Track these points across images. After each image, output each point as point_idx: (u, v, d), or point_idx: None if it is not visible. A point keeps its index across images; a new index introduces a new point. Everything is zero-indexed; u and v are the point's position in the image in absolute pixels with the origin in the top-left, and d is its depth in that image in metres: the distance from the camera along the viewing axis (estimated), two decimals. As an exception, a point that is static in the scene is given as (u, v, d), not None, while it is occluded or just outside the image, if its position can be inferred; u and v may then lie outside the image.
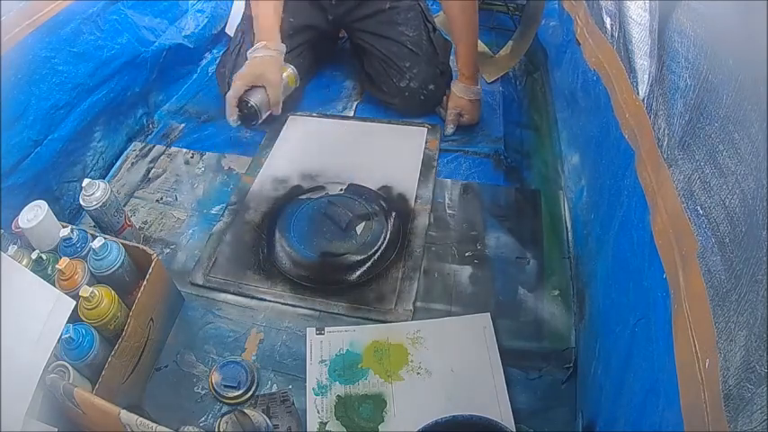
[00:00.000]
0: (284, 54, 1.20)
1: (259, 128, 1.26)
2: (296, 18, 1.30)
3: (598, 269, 0.82)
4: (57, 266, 0.76)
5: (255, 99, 1.16)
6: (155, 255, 0.83)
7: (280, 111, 1.23)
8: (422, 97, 1.28)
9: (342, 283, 0.97)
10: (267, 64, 1.16)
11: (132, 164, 1.24)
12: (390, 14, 1.27)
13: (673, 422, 0.47)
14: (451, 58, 1.33)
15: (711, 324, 0.44)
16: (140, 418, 0.63)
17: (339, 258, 0.99)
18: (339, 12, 1.32)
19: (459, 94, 1.25)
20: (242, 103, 1.17)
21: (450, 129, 1.27)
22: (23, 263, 0.78)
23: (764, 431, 0.35)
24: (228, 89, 1.25)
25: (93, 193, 0.92)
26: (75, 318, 0.73)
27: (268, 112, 1.21)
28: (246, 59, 1.20)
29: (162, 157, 1.26)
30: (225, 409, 0.82)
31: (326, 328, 0.90)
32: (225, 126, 1.33)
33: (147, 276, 0.81)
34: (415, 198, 1.12)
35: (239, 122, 1.21)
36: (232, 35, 1.43)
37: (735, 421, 0.39)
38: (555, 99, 1.29)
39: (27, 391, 0.63)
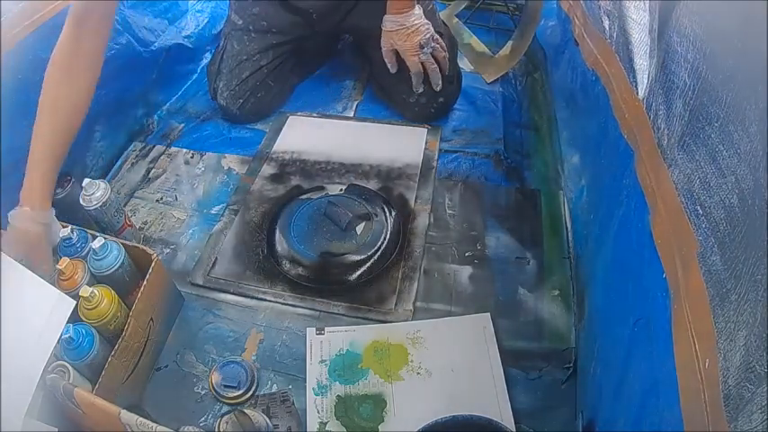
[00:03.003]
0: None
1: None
2: (272, 23, 1.24)
3: (598, 269, 0.82)
4: (57, 266, 0.76)
5: None
6: (155, 255, 0.83)
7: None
8: (432, 110, 1.26)
9: (342, 283, 0.97)
10: (31, 242, 0.79)
11: (132, 164, 1.24)
12: None
13: (673, 422, 0.47)
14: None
15: (711, 324, 0.44)
16: (140, 418, 0.63)
17: (339, 258, 0.99)
18: (325, 26, 1.27)
19: (388, 27, 1.12)
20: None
21: (389, 66, 1.19)
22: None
23: (764, 431, 0.35)
24: (215, 90, 1.27)
25: (94, 193, 0.92)
26: (75, 318, 0.73)
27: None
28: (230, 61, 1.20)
29: (162, 157, 1.26)
30: (225, 409, 0.82)
31: (326, 328, 0.90)
32: (225, 126, 1.34)
33: (147, 276, 0.81)
34: (415, 198, 1.12)
35: None
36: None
37: (735, 421, 0.39)
38: (555, 99, 1.29)
39: (27, 391, 0.63)
